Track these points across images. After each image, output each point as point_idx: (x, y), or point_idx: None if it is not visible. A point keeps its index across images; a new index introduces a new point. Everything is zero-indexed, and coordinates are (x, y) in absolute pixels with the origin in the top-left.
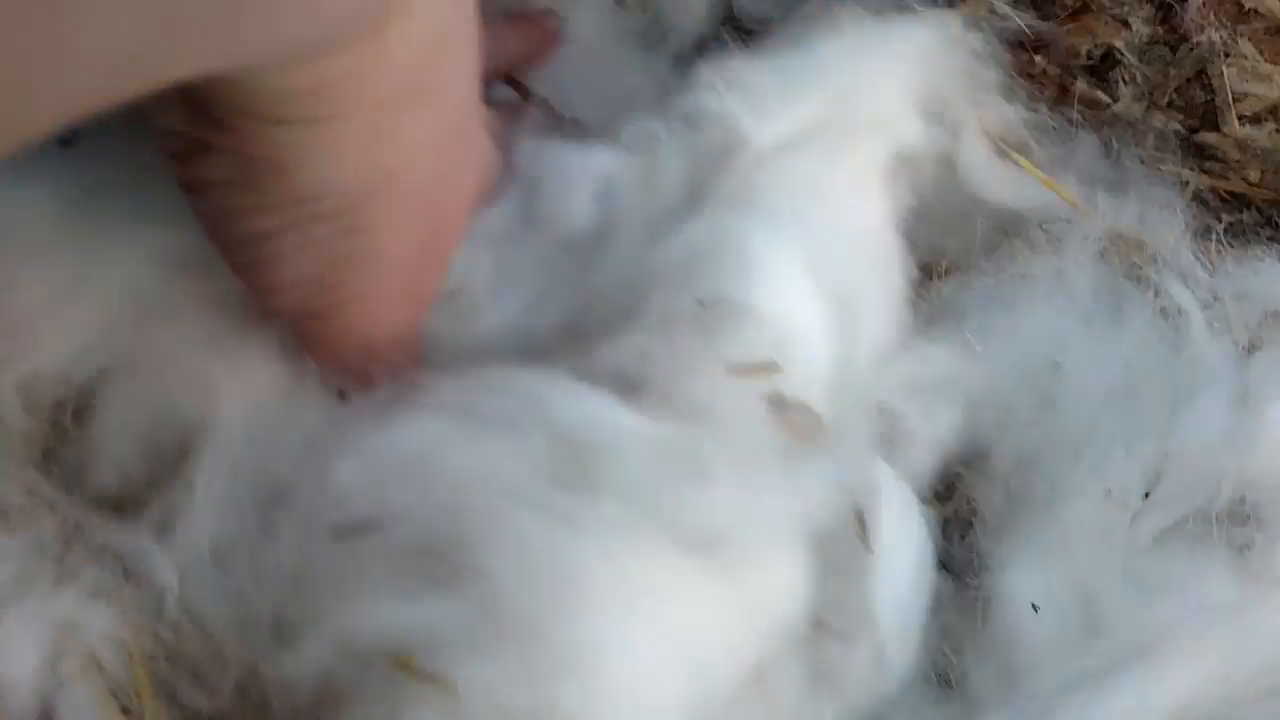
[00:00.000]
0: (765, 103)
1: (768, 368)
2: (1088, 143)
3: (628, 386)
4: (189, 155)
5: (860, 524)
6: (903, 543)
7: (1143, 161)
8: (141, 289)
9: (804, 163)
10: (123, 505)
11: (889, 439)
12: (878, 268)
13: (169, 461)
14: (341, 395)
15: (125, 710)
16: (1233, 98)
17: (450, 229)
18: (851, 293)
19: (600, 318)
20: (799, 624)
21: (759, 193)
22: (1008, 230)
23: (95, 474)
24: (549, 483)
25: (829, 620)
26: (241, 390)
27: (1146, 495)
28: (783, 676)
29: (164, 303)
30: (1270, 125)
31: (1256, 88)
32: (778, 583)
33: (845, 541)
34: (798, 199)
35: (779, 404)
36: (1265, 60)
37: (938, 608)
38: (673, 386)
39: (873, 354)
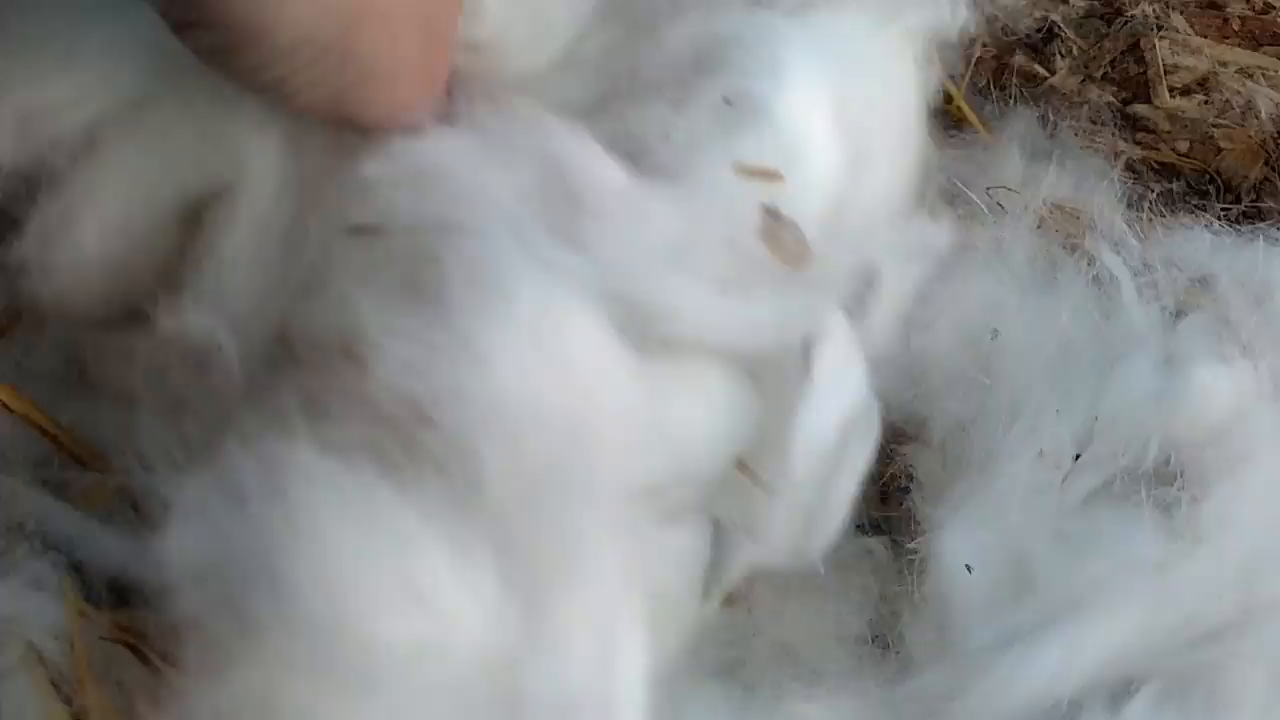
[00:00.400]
0: None
1: (771, 176)
2: (1025, 116)
3: (637, 154)
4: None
5: (805, 355)
6: (838, 391)
7: (1077, 134)
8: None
9: (849, 16)
10: None
11: (857, 293)
12: (895, 132)
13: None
14: None
15: (68, 700)
16: (1164, 70)
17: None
18: (866, 142)
19: (630, 83)
20: (719, 448)
21: (809, 15)
22: (950, 201)
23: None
24: (535, 221)
25: (752, 464)
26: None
27: (1077, 457)
28: (687, 498)
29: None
30: (1199, 97)
31: (1186, 60)
32: (697, 383)
33: (783, 377)
34: (839, 44)
35: (773, 216)
36: (1195, 34)
37: (875, 571)
38: (678, 169)
39: (871, 207)
